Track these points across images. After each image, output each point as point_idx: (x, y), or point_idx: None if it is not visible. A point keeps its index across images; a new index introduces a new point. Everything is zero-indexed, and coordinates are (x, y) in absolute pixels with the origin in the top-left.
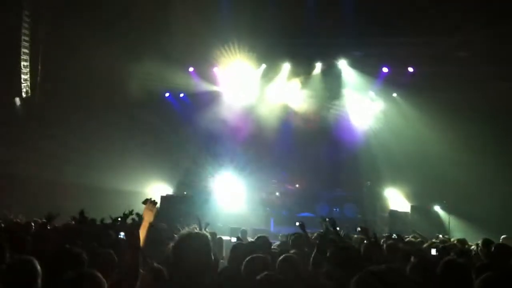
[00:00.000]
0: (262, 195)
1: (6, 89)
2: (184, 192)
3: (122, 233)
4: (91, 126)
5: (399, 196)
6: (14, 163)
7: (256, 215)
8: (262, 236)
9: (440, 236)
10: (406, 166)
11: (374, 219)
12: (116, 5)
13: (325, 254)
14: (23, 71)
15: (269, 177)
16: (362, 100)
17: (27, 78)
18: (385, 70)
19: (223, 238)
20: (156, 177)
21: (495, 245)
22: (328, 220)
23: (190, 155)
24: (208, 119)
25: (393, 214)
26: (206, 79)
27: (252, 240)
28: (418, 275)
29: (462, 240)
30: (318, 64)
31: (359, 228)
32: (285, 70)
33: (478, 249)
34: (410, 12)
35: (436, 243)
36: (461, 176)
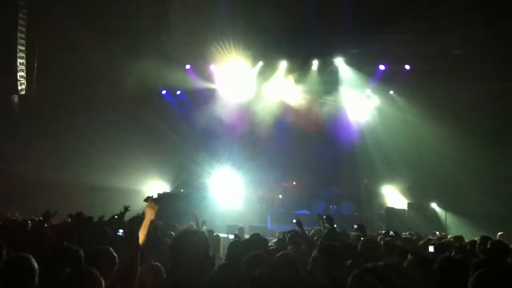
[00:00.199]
0: (259, 192)
1: (3, 87)
2: (181, 189)
3: (121, 230)
4: (88, 124)
5: (396, 193)
6: (11, 161)
7: (253, 212)
8: (256, 234)
9: (437, 233)
10: (402, 163)
11: (371, 216)
12: (113, 3)
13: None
14: (19, 69)
15: (266, 174)
16: (359, 98)
17: (23, 75)
18: (382, 67)
19: (220, 235)
20: (153, 174)
21: (491, 241)
22: (326, 218)
23: (187, 153)
24: (205, 116)
25: (390, 211)
26: (203, 77)
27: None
28: (415, 271)
29: (459, 237)
30: (315, 62)
31: (356, 225)
32: (282, 68)
33: (476, 246)
34: (407, 10)
35: (433, 240)
36: (458, 173)
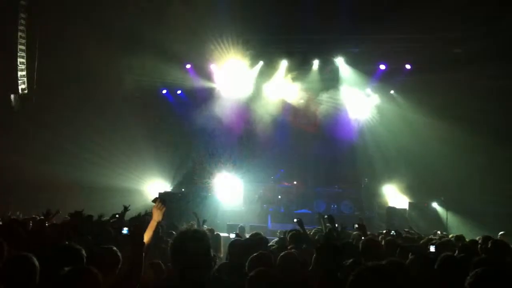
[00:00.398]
0: (260, 192)
1: (3, 86)
2: (182, 189)
3: (126, 228)
4: (89, 123)
5: (396, 192)
6: (12, 160)
7: (253, 212)
8: (257, 233)
9: (438, 233)
10: (403, 162)
11: (372, 216)
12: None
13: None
14: (20, 68)
15: (266, 174)
16: (359, 97)
17: (24, 75)
18: (382, 67)
19: (221, 234)
20: (154, 174)
21: (492, 241)
22: (327, 217)
23: (188, 153)
24: (206, 116)
25: (390, 211)
26: (204, 76)
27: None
28: (416, 271)
29: (460, 237)
30: (316, 61)
31: (357, 225)
32: (282, 67)
33: (478, 245)
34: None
35: (434, 240)
36: (459, 172)
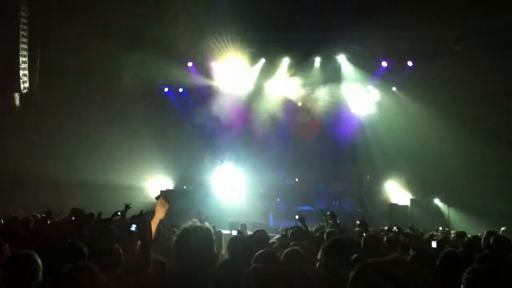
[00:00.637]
0: (261, 189)
1: (5, 85)
2: (184, 186)
3: (134, 225)
4: (91, 121)
5: (398, 189)
6: (13, 158)
7: (255, 209)
8: (260, 230)
9: (440, 229)
10: (405, 159)
11: (374, 212)
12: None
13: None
14: (22, 67)
15: (268, 171)
16: (361, 94)
17: (26, 73)
18: (384, 64)
19: (223, 231)
20: (156, 171)
21: (494, 237)
22: (329, 214)
23: (190, 150)
24: (207, 113)
25: (392, 207)
26: (205, 74)
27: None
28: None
29: (461, 233)
30: (317, 59)
31: (358, 221)
32: (284, 65)
33: (482, 240)
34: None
35: (435, 236)
36: (461, 169)
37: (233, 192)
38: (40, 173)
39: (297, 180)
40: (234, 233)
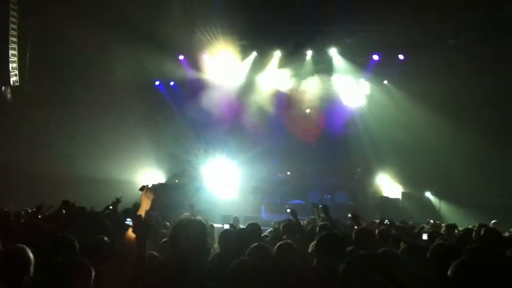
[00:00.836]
0: (253, 183)
1: None
2: (175, 180)
3: (129, 219)
4: (82, 114)
5: (390, 182)
6: (4, 152)
7: (247, 202)
8: (253, 223)
9: (431, 222)
10: (396, 153)
11: (365, 205)
12: None
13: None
14: (11, 60)
15: (260, 165)
16: (353, 87)
17: (15, 66)
18: (375, 57)
19: (215, 225)
20: (147, 165)
21: (484, 229)
22: (321, 207)
23: (182, 143)
24: (199, 107)
25: (384, 200)
26: (197, 67)
27: (244, 227)
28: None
29: (452, 225)
30: (309, 52)
31: (350, 214)
32: (275, 58)
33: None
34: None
35: (426, 229)
36: (452, 162)
37: (225, 185)
38: (29, 167)
39: (289, 173)
40: (226, 226)
